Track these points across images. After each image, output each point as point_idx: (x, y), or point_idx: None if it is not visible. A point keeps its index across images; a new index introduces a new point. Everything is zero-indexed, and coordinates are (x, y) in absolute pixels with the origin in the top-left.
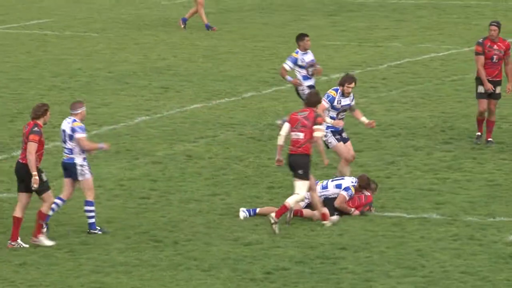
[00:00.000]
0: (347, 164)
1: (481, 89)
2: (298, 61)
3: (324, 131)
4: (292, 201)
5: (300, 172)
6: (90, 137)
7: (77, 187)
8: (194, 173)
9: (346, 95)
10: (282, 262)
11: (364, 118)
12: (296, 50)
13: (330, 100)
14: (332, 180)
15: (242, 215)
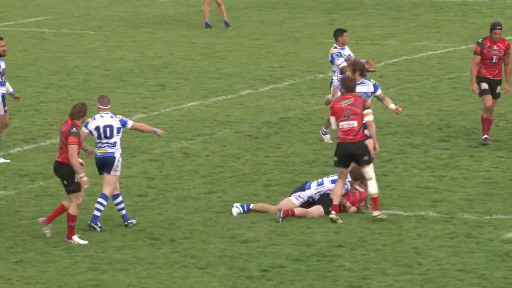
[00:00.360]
0: None
1: (483, 85)
2: (342, 55)
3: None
4: (375, 188)
5: (366, 158)
6: None
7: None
8: (191, 170)
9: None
10: (278, 259)
11: (392, 105)
12: (334, 45)
13: None
14: (328, 176)
15: (236, 211)
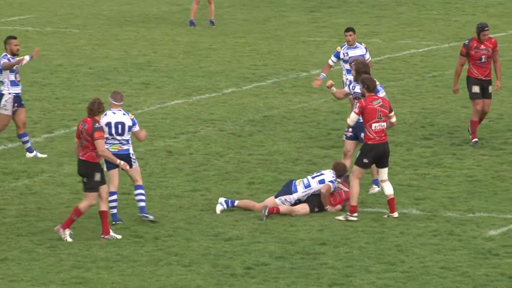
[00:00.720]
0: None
1: (475, 89)
2: (341, 55)
3: None
4: (392, 189)
5: (388, 159)
6: (71, 133)
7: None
8: (174, 168)
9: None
10: (262, 257)
11: None
12: (343, 44)
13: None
14: (313, 177)
15: (219, 208)
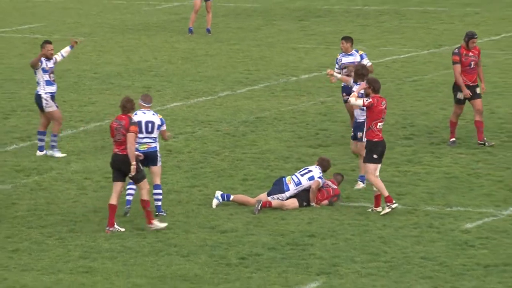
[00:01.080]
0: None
1: (460, 95)
2: (338, 61)
3: None
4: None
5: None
6: (78, 133)
7: None
8: (174, 166)
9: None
10: (255, 248)
11: None
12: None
13: None
14: (302, 175)
15: (215, 202)
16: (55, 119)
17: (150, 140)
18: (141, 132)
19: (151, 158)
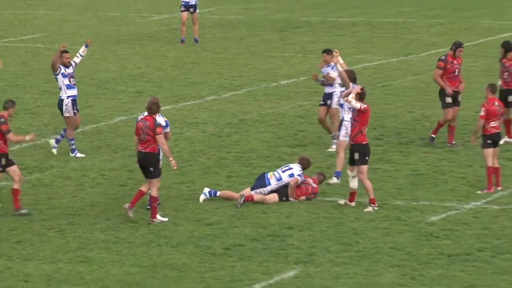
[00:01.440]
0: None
1: (448, 99)
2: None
3: None
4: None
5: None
6: (76, 134)
7: None
8: (164, 164)
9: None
10: (238, 239)
11: None
12: None
13: None
14: (283, 171)
15: (202, 198)
16: (69, 124)
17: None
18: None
19: None
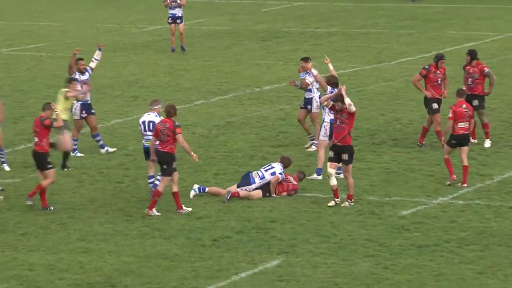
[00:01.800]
0: None
1: (435, 106)
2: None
3: None
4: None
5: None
6: (85, 135)
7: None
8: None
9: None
10: (226, 231)
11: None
12: None
13: None
14: (266, 170)
15: (192, 193)
16: (76, 126)
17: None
18: (145, 130)
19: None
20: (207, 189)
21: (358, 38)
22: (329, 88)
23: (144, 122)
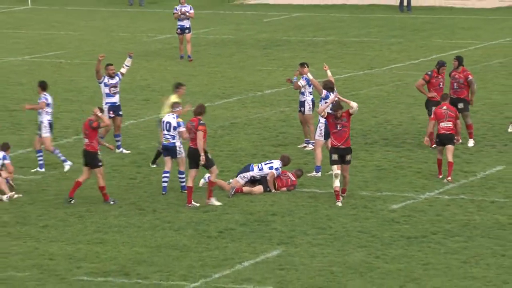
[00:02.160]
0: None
1: (434, 109)
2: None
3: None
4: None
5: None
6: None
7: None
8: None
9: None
10: (230, 224)
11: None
12: None
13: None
14: (265, 164)
15: (202, 182)
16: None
17: (169, 137)
18: (163, 129)
19: (171, 151)
20: (213, 179)
21: (352, 46)
22: (324, 92)
23: (163, 122)
